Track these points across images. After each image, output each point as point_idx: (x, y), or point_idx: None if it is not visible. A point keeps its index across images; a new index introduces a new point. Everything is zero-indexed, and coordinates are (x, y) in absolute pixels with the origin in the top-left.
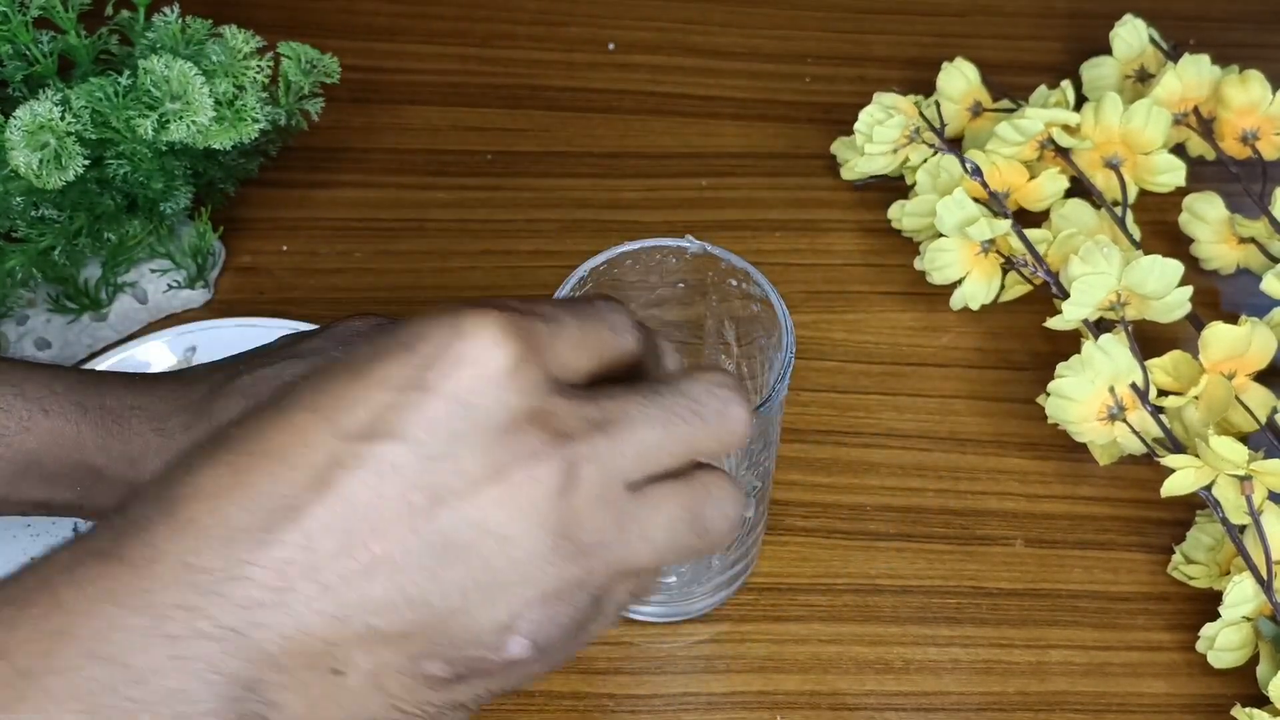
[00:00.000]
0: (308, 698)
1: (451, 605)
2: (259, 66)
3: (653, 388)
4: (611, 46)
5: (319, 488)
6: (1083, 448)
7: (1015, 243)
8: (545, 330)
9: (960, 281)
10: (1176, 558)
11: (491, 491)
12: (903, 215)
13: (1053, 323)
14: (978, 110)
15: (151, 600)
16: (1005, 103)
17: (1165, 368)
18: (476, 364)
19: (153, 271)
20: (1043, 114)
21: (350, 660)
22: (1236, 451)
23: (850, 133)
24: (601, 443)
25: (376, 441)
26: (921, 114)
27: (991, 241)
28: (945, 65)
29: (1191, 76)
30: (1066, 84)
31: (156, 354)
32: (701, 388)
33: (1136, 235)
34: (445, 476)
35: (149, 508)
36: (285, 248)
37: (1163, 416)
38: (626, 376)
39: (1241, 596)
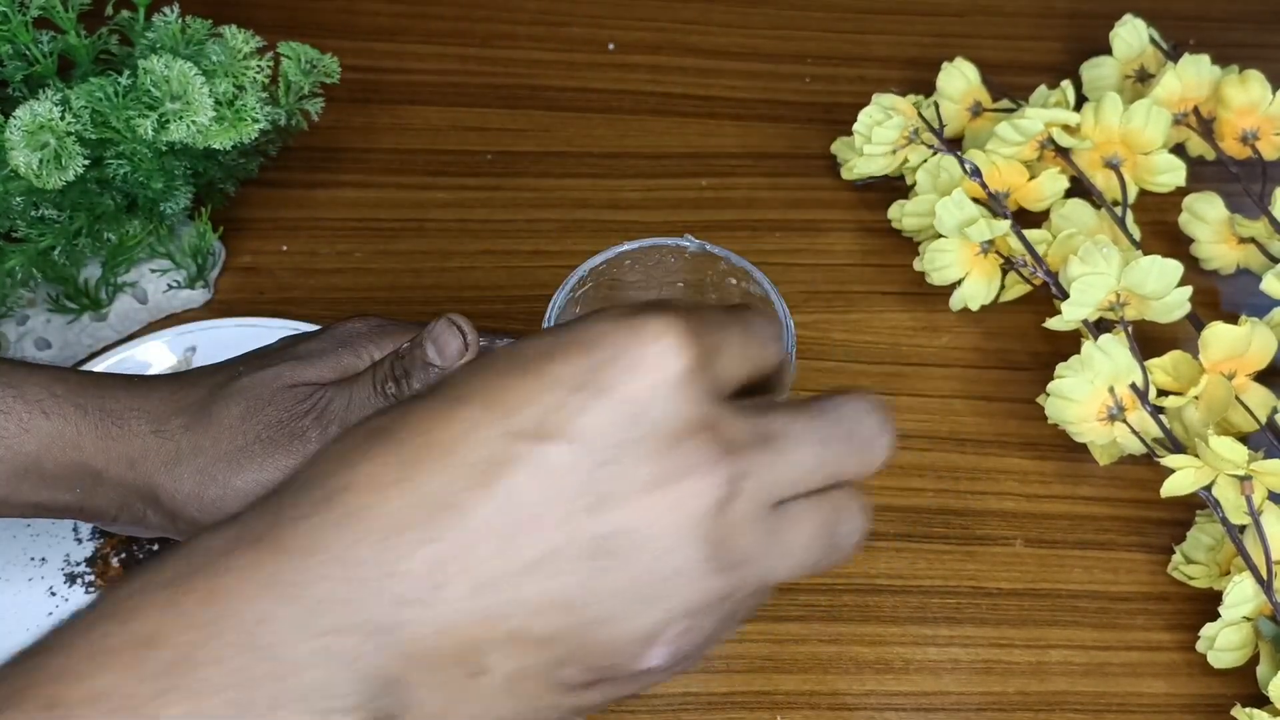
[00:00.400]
0: (443, 697)
1: (601, 613)
2: (259, 66)
3: (814, 408)
4: (611, 46)
5: (484, 486)
6: (1083, 448)
7: (1015, 243)
8: (717, 339)
9: (960, 282)
10: (1176, 558)
11: (655, 501)
12: (903, 215)
13: (1052, 323)
14: (977, 110)
15: (305, 593)
16: (1005, 103)
17: (1165, 368)
18: (653, 370)
19: (153, 271)
20: (1042, 114)
21: (491, 663)
22: (1236, 451)
23: (850, 133)
24: (764, 459)
25: (546, 442)
26: (921, 114)
27: (991, 242)
28: (945, 65)
29: (1191, 76)
30: (1066, 84)
31: (156, 354)
32: (857, 411)
33: (1136, 235)
34: (611, 483)
35: (304, 497)
36: (285, 248)
37: (1162, 417)
38: (758, 388)
39: (1241, 596)
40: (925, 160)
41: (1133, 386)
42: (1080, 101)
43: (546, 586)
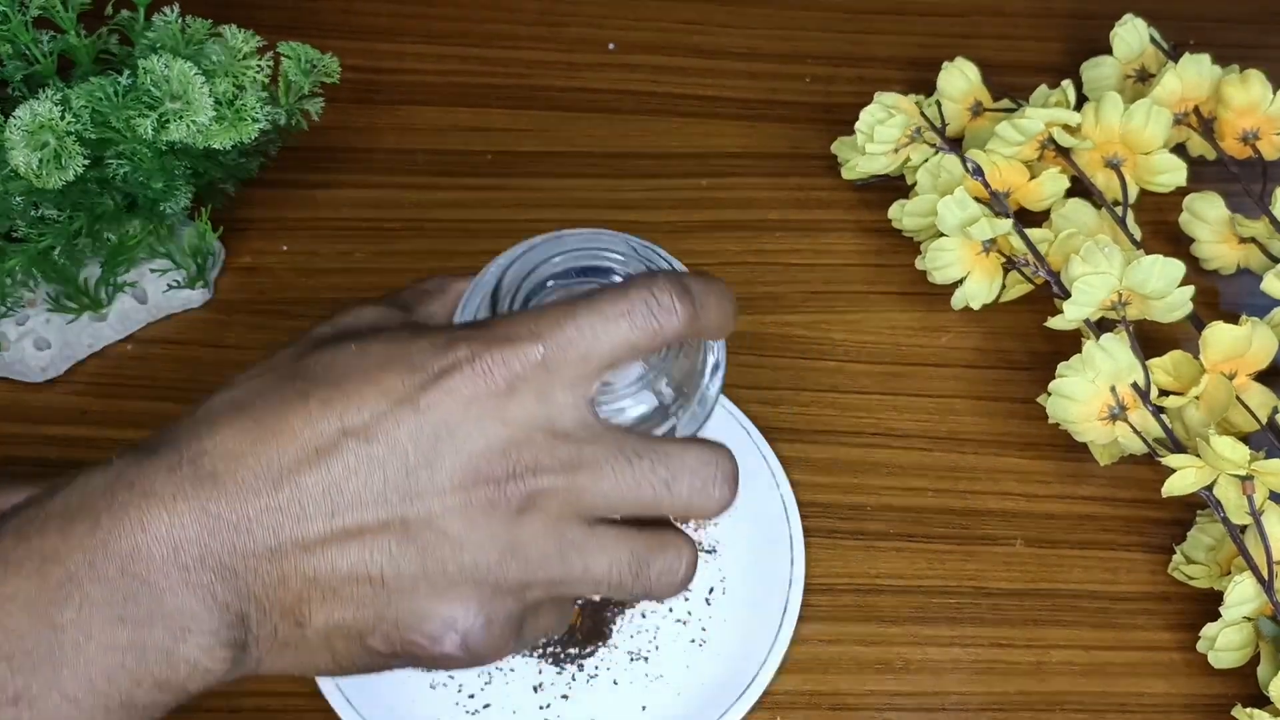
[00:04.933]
0: (275, 638)
1: (403, 589)
2: (259, 66)
3: (640, 449)
4: (612, 46)
5: (317, 468)
6: (1083, 448)
7: (1016, 242)
8: (544, 365)
9: (961, 281)
10: (1177, 558)
11: (456, 502)
12: (903, 215)
13: (1054, 322)
14: (978, 110)
15: (170, 534)
16: (1006, 102)
17: (1166, 367)
18: (463, 393)
19: (153, 271)
20: (1043, 114)
21: (313, 616)
22: (1237, 451)
23: (851, 133)
24: (564, 482)
25: (371, 442)
26: (923, 114)
27: (992, 241)
28: (945, 65)
29: (1192, 76)
30: (1067, 84)
31: None
32: (688, 463)
33: (1137, 235)
34: (422, 482)
35: (173, 452)
36: (285, 248)
37: (1163, 416)
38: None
39: (1242, 596)
40: (926, 160)
41: (1134, 386)
42: (1081, 101)
43: (359, 559)
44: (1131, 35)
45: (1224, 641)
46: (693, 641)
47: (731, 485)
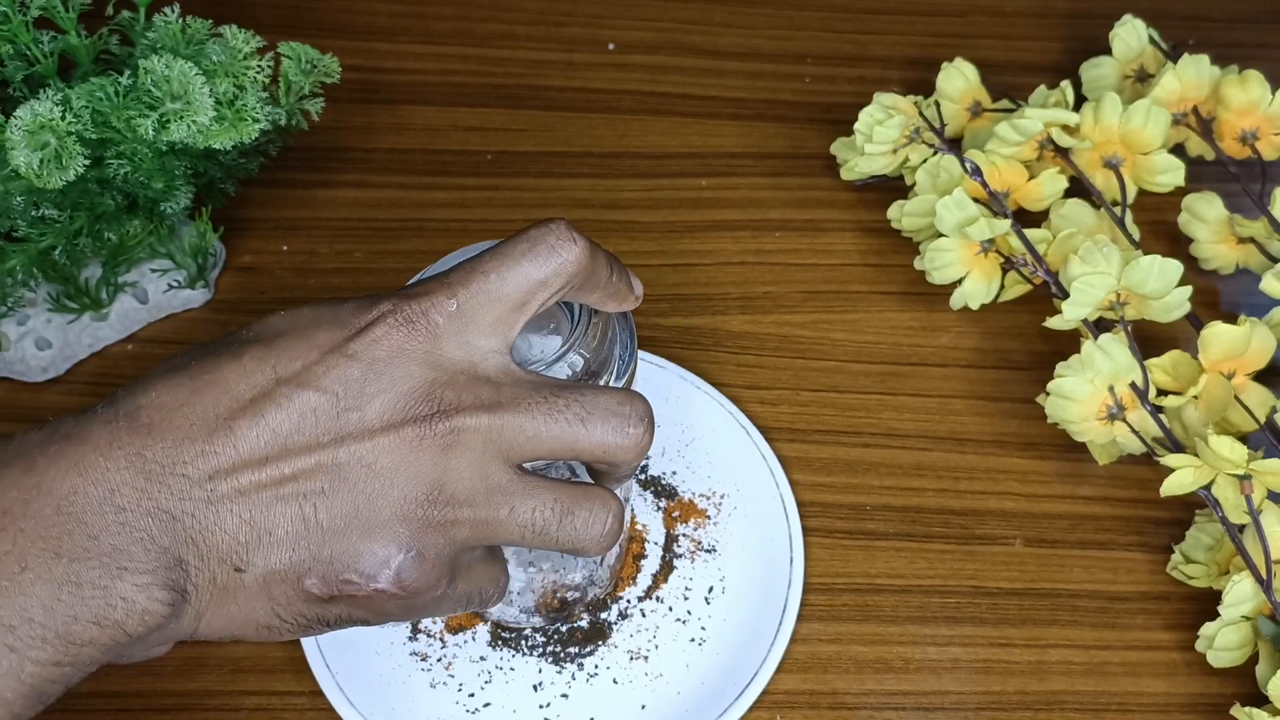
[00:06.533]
0: (214, 586)
1: (336, 529)
2: (259, 66)
3: (558, 389)
4: (611, 46)
5: (251, 414)
6: (1082, 447)
7: (1015, 242)
8: (460, 312)
9: (960, 281)
10: (1176, 557)
11: (384, 441)
12: (902, 215)
13: (1052, 322)
14: (977, 110)
15: (106, 477)
16: (1005, 103)
17: (1165, 367)
18: (388, 341)
19: (153, 271)
20: (1042, 114)
21: (251, 560)
22: (1236, 451)
23: (850, 133)
24: (486, 420)
25: (303, 388)
26: (921, 114)
27: (991, 241)
28: (945, 65)
29: (1191, 76)
30: (1066, 84)
31: None
32: (602, 402)
33: (1136, 235)
34: (351, 425)
35: (109, 409)
36: (285, 248)
37: (1162, 416)
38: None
39: (1241, 596)
40: (925, 160)
41: (1132, 386)
42: (1080, 101)
43: (293, 500)
44: (1131, 35)
45: (1222, 641)
46: (692, 640)
47: (647, 425)
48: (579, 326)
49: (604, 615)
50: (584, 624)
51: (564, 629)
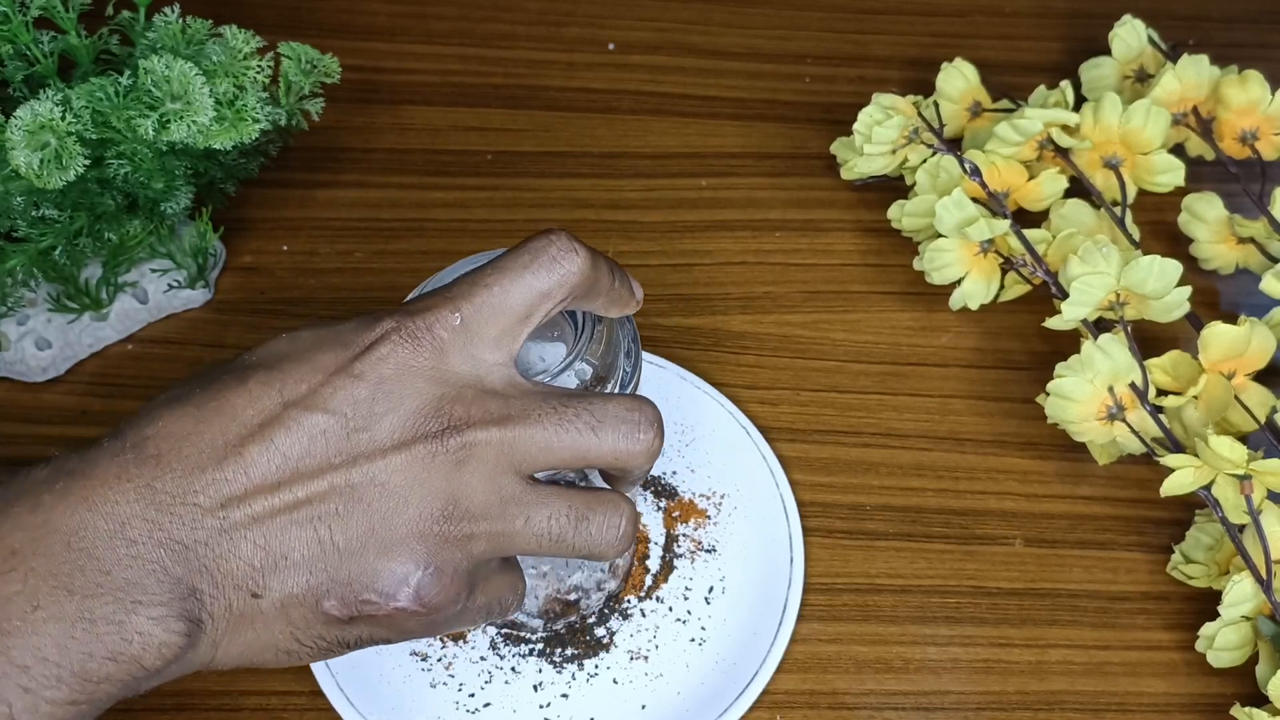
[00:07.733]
0: (230, 614)
1: (353, 550)
2: (259, 66)
3: (566, 399)
4: (611, 46)
5: (260, 440)
6: (1082, 447)
7: (1014, 243)
8: (464, 327)
9: (960, 281)
10: (1175, 557)
11: (396, 459)
12: (902, 215)
13: (1052, 323)
14: (977, 110)
15: (116, 510)
16: (1004, 103)
17: (1164, 367)
18: (394, 359)
19: (153, 271)
20: (1042, 114)
21: (268, 586)
22: (1236, 451)
23: (850, 133)
24: (497, 433)
25: (311, 411)
26: (921, 114)
27: (991, 241)
28: (944, 65)
29: (1190, 76)
30: (1066, 84)
31: None
32: (611, 410)
33: (1136, 235)
34: (362, 445)
35: (115, 443)
36: (285, 248)
37: (1162, 416)
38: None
39: (1241, 596)
40: (925, 160)
41: (1132, 386)
42: (1079, 102)
43: (308, 523)
44: (1130, 35)
45: (1222, 641)
46: (692, 641)
47: (657, 430)
48: (584, 334)
49: (604, 615)
50: (591, 623)
51: (564, 629)
